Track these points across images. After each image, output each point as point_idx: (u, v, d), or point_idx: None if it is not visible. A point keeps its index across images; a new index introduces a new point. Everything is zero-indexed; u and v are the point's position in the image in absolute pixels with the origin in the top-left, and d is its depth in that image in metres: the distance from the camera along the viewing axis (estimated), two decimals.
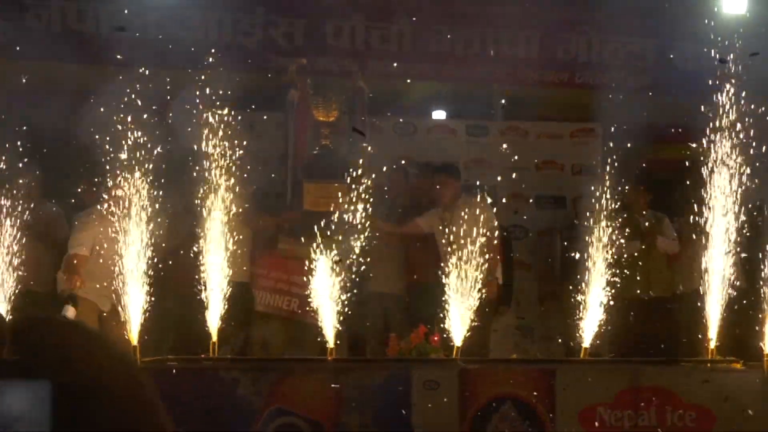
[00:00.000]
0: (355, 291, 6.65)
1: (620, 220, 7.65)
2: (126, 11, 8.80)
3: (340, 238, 6.65)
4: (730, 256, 6.80)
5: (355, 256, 6.65)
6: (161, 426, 1.19)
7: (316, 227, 6.61)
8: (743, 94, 6.74)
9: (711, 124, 6.76)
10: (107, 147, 6.27)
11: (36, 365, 1.14)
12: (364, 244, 6.72)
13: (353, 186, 6.76)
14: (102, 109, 6.34)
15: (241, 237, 6.87)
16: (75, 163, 7.28)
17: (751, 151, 6.68)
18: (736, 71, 6.74)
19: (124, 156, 6.28)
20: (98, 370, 1.17)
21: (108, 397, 1.15)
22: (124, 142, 6.30)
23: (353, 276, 6.63)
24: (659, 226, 8.76)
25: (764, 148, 6.76)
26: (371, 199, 7.01)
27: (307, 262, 6.71)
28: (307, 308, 7.17)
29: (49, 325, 1.25)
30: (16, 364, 1.14)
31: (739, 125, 6.69)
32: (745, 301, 7.07)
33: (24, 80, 7.99)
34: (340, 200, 6.84)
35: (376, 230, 8.02)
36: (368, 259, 7.90)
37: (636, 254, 8.46)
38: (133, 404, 1.18)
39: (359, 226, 6.74)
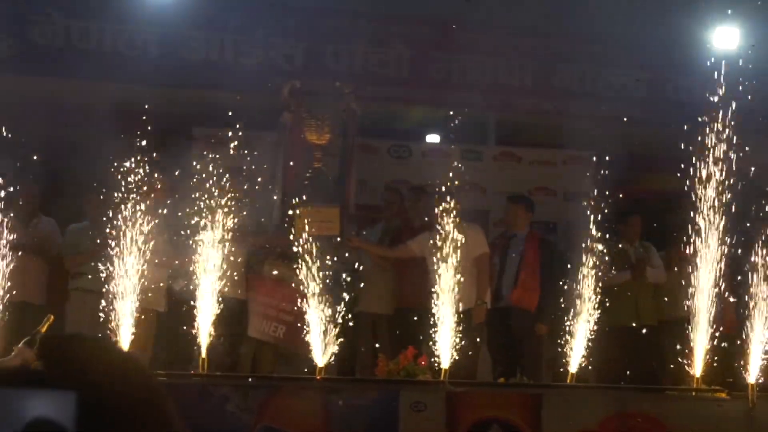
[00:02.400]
0: (344, 311, 6.70)
1: (611, 248, 7.74)
2: (128, 30, 8.92)
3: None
4: (719, 288, 6.89)
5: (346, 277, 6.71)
6: None
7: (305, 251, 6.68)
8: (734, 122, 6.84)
9: (701, 156, 6.86)
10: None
11: (62, 378, 1.19)
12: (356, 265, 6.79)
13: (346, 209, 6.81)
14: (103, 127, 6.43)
15: (233, 254, 6.93)
16: (74, 178, 7.36)
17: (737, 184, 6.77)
18: (726, 104, 6.84)
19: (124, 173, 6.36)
20: (120, 383, 1.23)
21: (129, 409, 1.20)
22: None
23: (343, 296, 6.69)
24: (647, 255, 8.85)
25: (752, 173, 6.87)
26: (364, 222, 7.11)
27: (295, 288, 6.78)
28: (294, 336, 7.25)
29: (75, 342, 1.31)
30: (44, 375, 1.20)
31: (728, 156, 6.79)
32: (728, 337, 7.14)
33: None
34: (332, 224, 6.89)
35: (368, 253, 8.09)
36: (360, 279, 7.98)
37: (625, 283, 8.54)
38: (153, 416, 1.23)
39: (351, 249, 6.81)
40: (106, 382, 1.21)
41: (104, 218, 6.52)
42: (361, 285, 8.17)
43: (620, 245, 8.64)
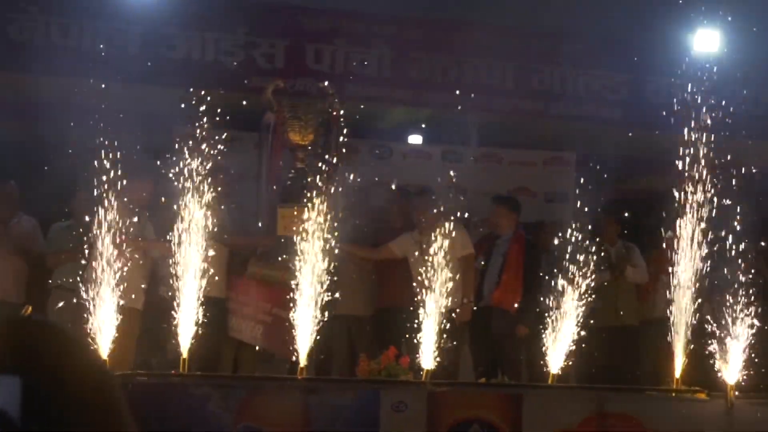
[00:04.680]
0: (323, 313, 6.69)
1: (590, 249, 7.77)
2: (110, 28, 8.87)
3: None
4: (696, 289, 6.94)
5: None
6: (126, 429, 1.23)
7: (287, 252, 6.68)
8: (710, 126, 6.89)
9: (680, 157, 6.91)
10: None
11: (6, 362, 1.17)
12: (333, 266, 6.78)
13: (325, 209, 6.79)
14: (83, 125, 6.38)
15: (215, 253, 6.91)
16: (53, 176, 7.31)
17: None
18: (705, 107, 6.90)
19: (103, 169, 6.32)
20: (68, 370, 1.20)
21: (76, 397, 1.18)
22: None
23: (321, 298, 6.67)
24: (629, 256, 8.88)
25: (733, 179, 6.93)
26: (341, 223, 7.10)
27: (274, 289, 6.76)
28: (271, 337, 7.23)
29: (22, 324, 1.28)
30: None
31: (706, 158, 6.84)
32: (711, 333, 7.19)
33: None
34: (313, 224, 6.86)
35: (348, 254, 8.05)
36: (336, 281, 7.96)
37: (605, 283, 8.57)
38: (101, 406, 1.21)
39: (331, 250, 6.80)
40: (53, 365, 1.19)
41: (87, 218, 6.48)
42: (339, 287, 8.14)
43: (600, 246, 8.66)
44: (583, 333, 7.15)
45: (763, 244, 8.05)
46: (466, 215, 8.39)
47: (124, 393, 1.26)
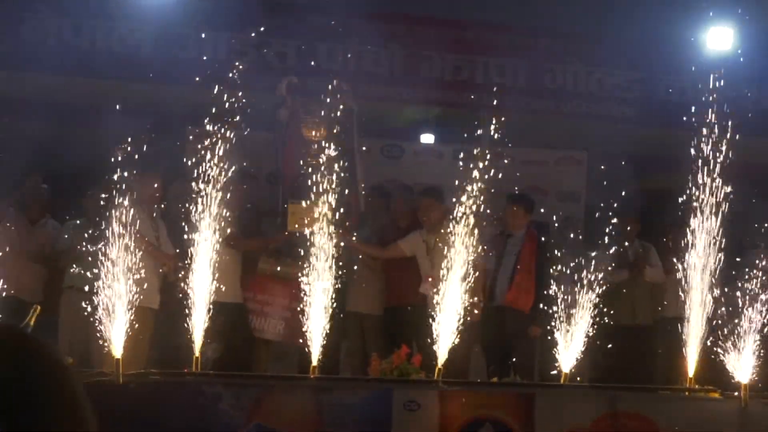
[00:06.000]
0: (333, 310, 6.69)
1: (607, 248, 7.75)
2: (122, 28, 8.90)
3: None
4: (711, 288, 6.90)
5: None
6: (87, 428, 1.24)
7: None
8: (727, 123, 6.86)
9: (693, 156, 6.88)
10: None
11: None
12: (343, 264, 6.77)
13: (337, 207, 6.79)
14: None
15: (228, 257, 6.90)
16: (73, 177, 7.35)
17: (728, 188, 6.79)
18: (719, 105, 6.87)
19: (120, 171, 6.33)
20: (29, 370, 1.22)
21: (38, 398, 1.20)
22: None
23: (333, 296, 6.68)
24: (646, 255, 8.85)
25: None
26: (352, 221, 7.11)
27: (291, 284, 6.75)
28: (294, 331, 7.23)
29: None
30: None
31: (720, 157, 6.81)
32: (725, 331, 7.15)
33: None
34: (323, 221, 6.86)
35: (358, 252, 8.06)
36: (348, 280, 7.97)
37: (622, 282, 8.53)
38: (63, 406, 1.23)
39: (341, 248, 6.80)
40: (14, 368, 1.20)
41: (99, 218, 6.49)
42: (349, 284, 8.15)
43: (618, 245, 8.62)
44: (597, 332, 7.12)
45: None
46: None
47: (139, 392, 1.28)
